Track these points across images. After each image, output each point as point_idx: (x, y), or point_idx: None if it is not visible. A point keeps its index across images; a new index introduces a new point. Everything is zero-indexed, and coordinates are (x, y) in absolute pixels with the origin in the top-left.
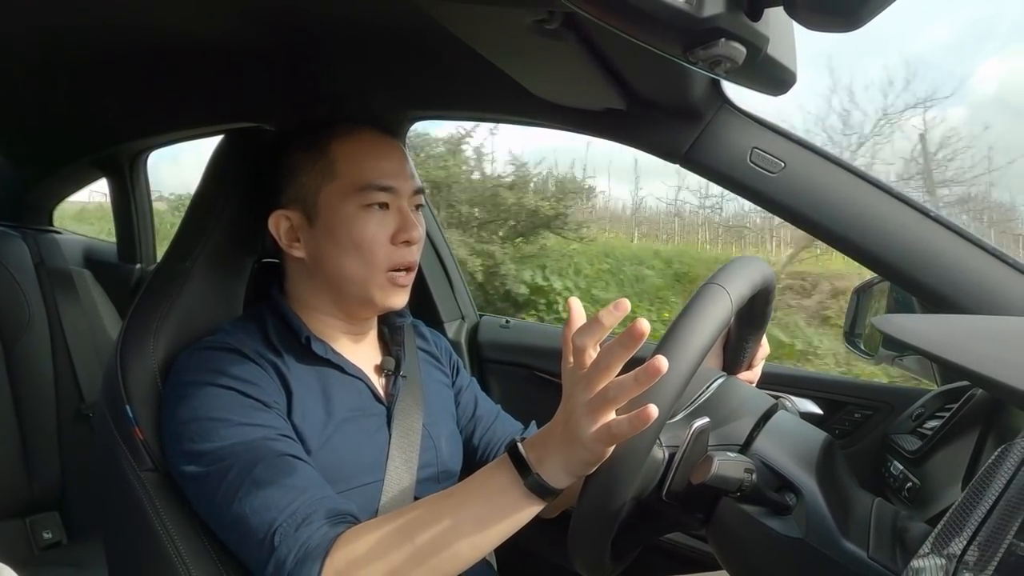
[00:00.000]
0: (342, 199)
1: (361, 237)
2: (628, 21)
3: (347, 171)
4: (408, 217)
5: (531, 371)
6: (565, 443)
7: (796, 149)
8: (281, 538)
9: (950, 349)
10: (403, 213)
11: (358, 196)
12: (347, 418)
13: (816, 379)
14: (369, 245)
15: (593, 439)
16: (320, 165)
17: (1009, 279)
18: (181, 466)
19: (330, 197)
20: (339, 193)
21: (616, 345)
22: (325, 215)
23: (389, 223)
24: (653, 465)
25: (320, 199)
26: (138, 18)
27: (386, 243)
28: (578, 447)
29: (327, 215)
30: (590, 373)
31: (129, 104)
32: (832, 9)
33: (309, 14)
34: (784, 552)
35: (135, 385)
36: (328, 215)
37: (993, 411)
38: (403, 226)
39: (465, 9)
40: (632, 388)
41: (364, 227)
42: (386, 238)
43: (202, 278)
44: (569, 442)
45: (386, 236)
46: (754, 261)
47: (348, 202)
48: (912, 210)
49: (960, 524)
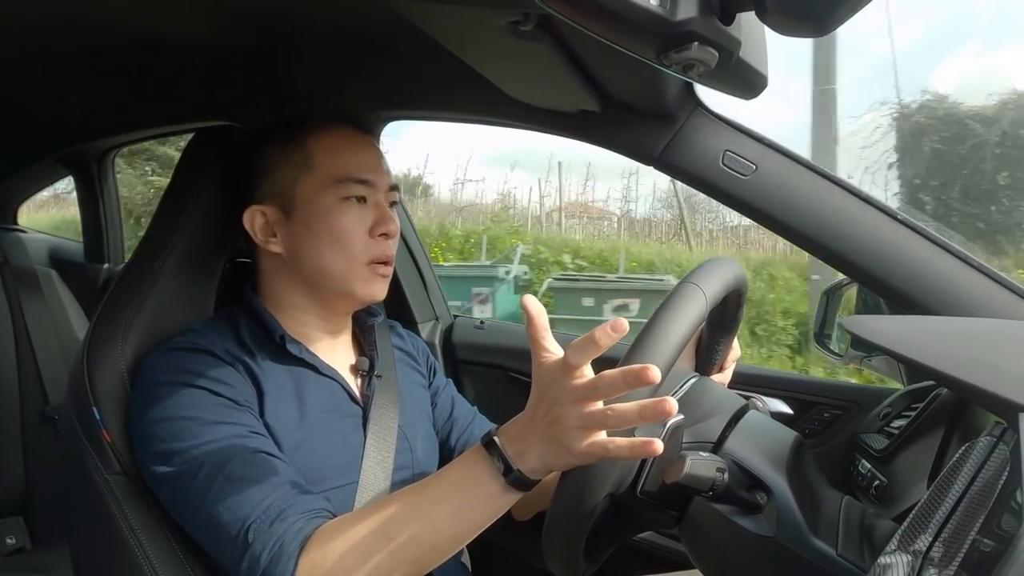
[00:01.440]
0: (319, 191)
1: (340, 229)
2: (603, 24)
3: (324, 164)
4: (385, 210)
5: (505, 371)
6: (546, 442)
7: (767, 152)
8: (255, 534)
9: (916, 349)
10: (380, 207)
11: (336, 188)
12: (321, 419)
13: (786, 379)
14: (348, 237)
15: (585, 453)
16: (297, 159)
17: (973, 281)
18: (152, 467)
19: (307, 189)
20: (316, 185)
21: (620, 381)
22: (303, 208)
23: (367, 216)
24: (628, 462)
25: (297, 192)
26: (105, 15)
27: (364, 235)
28: (563, 453)
29: (305, 208)
30: (586, 394)
31: (95, 102)
32: (803, 14)
33: (281, 13)
34: (755, 550)
35: (102, 387)
36: (306, 208)
37: (958, 410)
38: (381, 219)
39: (439, 10)
40: (620, 389)
41: (342, 219)
42: (364, 230)
43: (172, 278)
44: (551, 443)
45: (364, 228)
46: (727, 262)
47: (326, 194)
48: (880, 213)
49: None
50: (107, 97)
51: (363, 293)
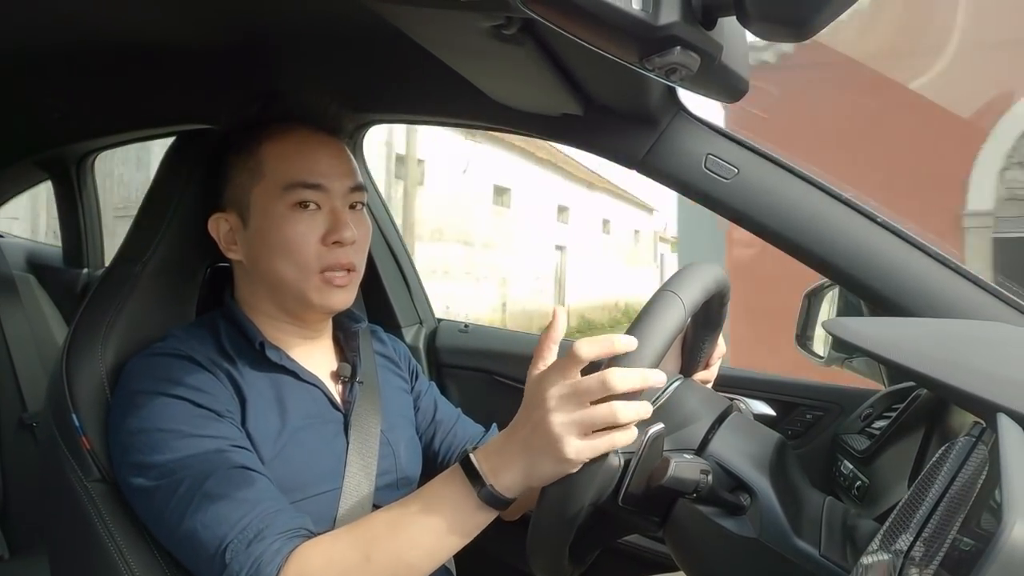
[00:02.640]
0: (270, 199)
1: (289, 238)
2: (586, 28)
3: (274, 170)
4: (340, 217)
5: (490, 375)
6: (528, 453)
7: (749, 156)
8: (233, 554)
9: (896, 351)
10: (335, 213)
11: (285, 195)
12: (302, 426)
13: (769, 381)
14: (298, 246)
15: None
16: (249, 165)
17: (952, 283)
18: (129, 479)
19: (259, 198)
20: (267, 193)
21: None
22: (256, 217)
23: (319, 223)
24: (609, 471)
25: (251, 200)
26: (82, 17)
27: (316, 243)
28: (547, 462)
29: (257, 217)
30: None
31: (74, 104)
32: (784, 19)
33: (262, 15)
34: (739, 551)
35: (82, 393)
36: (258, 216)
37: (937, 411)
38: (334, 226)
39: (422, 13)
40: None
41: (292, 228)
42: (316, 239)
43: (153, 282)
44: (534, 453)
45: (316, 236)
46: (707, 266)
47: (276, 202)
48: (860, 216)
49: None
50: (86, 100)
51: (319, 302)
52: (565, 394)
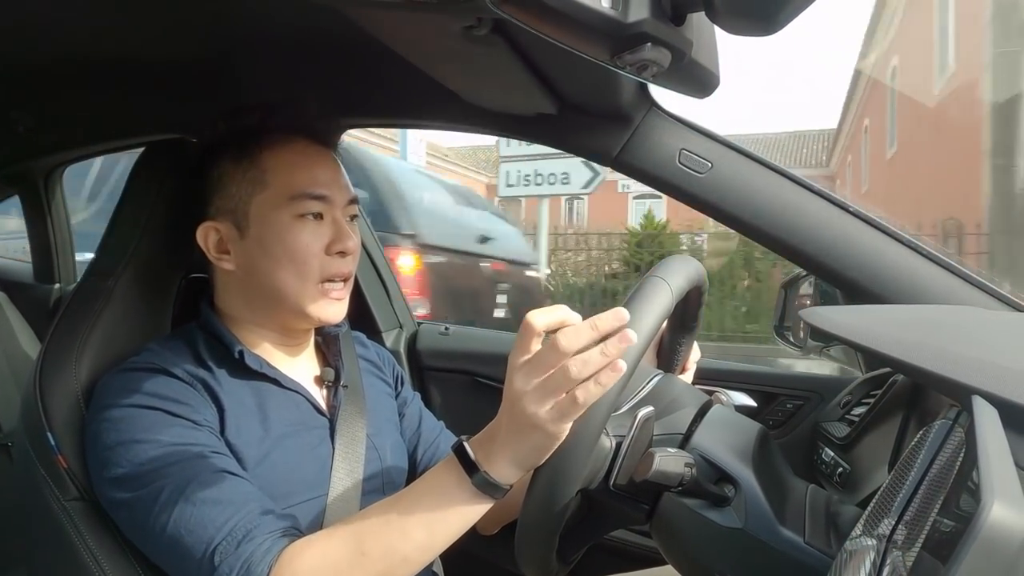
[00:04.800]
0: (274, 209)
1: (294, 248)
2: (556, 27)
3: (278, 180)
4: (343, 227)
5: (472, 377)
6: (513, 433)
7: (722, 150)
8: (221, 557)
9: (872, 338)
10: (337, 223)
11: (291, 206)
12: (286, 433)
13: (749, 372)
14: (303, 256)
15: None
16: (251, 175)
17: (924, 269)
18: (109, 493)
19: (261, 207)
20: (270, 203)
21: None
22: (257, 226)
23: (323, 233)
24: (601, 454)
25: (251, 209)
26: (48, 28)
27: (320, 253)
28: (536, 439)
29: (259, 226)
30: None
31: (40, 118)
32: (750, 13)
33: (230, 22)
34: (725, 542)
35: (57, 411)
36: (260, 226)
37: (914, 395)
38: (338, 236)
39: (393, 16)
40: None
41: (297, 237)
42: (320, 248)
43: (126, 296)
44: (519, 430)
45: (320, 246)
46: (688, 259)
47: (280, 212)
48: (833, 206)
49: (888, 505)
50: (53, 112)
51: (317, 314)
52: (524, 367)
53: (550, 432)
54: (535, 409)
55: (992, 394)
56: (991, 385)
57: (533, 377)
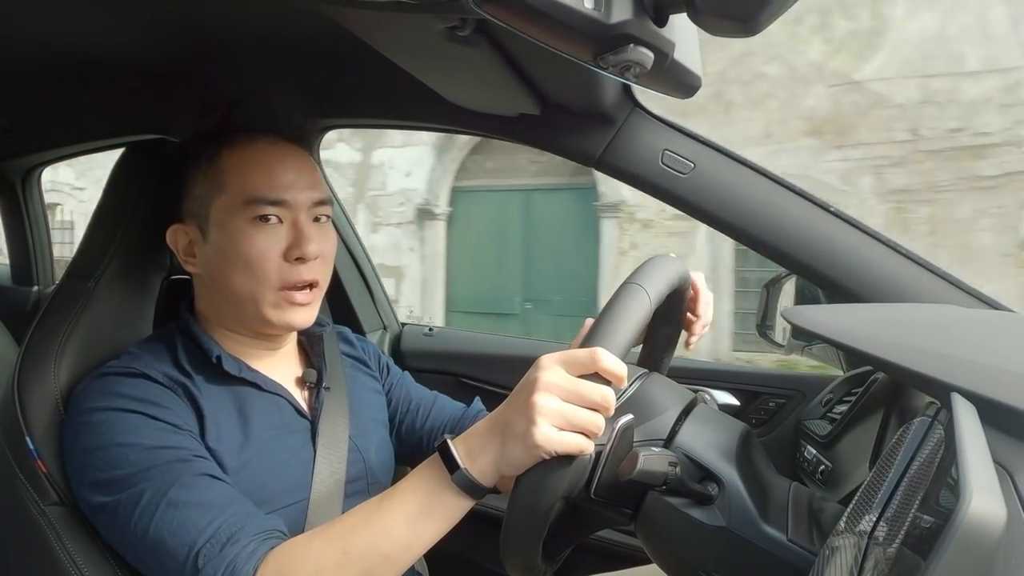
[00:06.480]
0: (230, 213)
1: (249, 254)
2: (539, 28)
3: (235, 183)
4: (303, 232)
5: (456, 378)
6: (507, 436)
7: (705, 150)
8: (205, 559)
9: (852, 337)
10: (297, 227)
11: (246, 209)
12: (267, 437)
13: (732, 371)
14: (258, 262)
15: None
16: (210, 177)
17: (903, 269)
18: (89, 497)
19: (219, 211)
20: (227, 207)
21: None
22: (215, 230)
23: (281, 238)
24: (580, 464)
25: (211, 213)
26: (24, 28)
27: (277, 259)
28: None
29: (217, 230)
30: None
31: (16, 118)
32: (732, 15)
33: (210, 22)
34: (709, 540)
35: (35, 415)
36: (218, 230)
37: (894, 393)
38: (296, 241)
39: (376, 16)
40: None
41: (252, 243)
42: (277, 254)
43: (106, 298)
44: (512, 437)
45: (277, 252)
46: (670, 260)
47: (236, 216)
48: (814, 207)
49: (869, 502)
50: (30, 112)
51: (278, 320)
52: (558, 383)
53: (538, 447)
54: (541, 420)
55: (970, 391)
56: (970, 382)
57: (561, 396)
